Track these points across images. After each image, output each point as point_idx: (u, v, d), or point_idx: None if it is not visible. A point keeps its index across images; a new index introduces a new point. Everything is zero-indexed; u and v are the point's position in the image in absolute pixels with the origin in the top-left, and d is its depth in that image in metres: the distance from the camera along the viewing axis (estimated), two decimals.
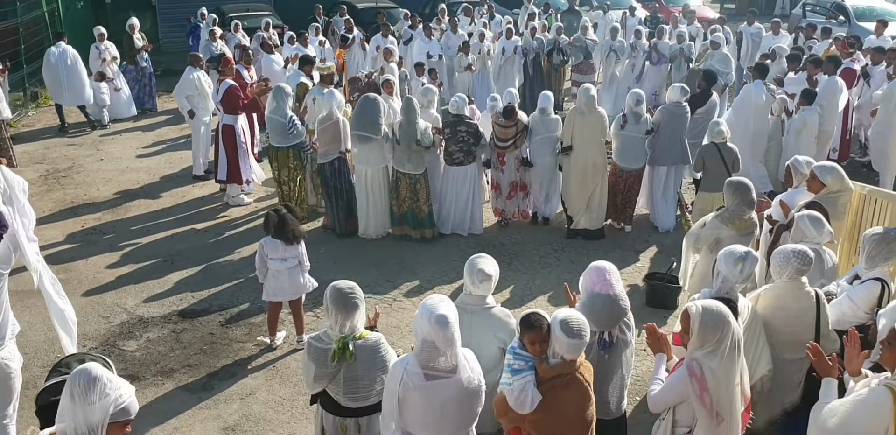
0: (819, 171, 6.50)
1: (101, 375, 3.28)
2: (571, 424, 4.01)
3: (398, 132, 9.10)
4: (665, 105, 9.84)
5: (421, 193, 9.29)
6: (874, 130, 11.10)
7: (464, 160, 9.38)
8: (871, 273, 5.14)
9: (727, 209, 6.25)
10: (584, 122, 9.16)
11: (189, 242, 9.56)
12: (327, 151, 9.38)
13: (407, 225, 9.47)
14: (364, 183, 9.39)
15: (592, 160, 9.27)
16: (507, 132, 9.31)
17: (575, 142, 9.21)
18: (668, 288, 7.79)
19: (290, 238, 6.78)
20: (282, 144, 9.71)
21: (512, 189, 9.72)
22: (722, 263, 4.75)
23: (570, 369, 3.97)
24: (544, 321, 4.04)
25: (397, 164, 9.24)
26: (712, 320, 3.91)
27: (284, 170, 9.81)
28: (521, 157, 9.53)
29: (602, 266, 4.72)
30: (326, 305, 4.40)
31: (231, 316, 7.80)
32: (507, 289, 8.23)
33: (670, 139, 9.52)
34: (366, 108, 9.06)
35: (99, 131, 14.44)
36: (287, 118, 9.56)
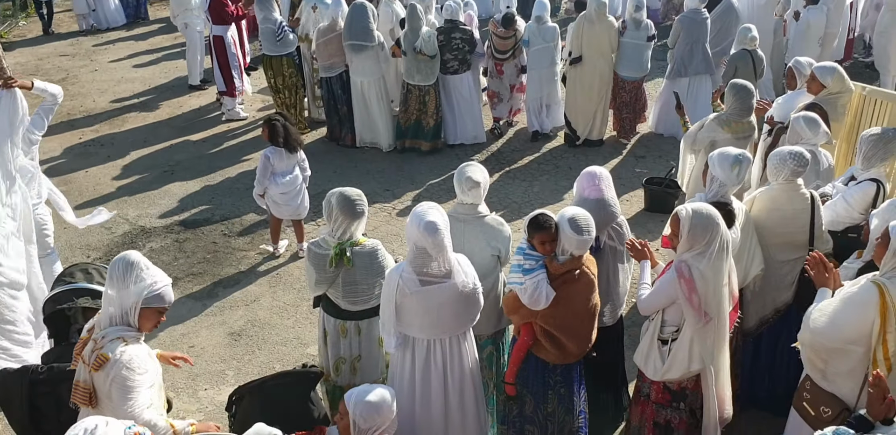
0: (819, 71, 6.40)
1: (139, 262, 3.52)
2: (580, 315, 4.19)
3: (404, 42, 8.83)
4: (683, 13, 9.39)
5: (430, 105, 9.10)
6: (877, 31, 10.86)
7: (458, 68, 9.11)
8: (866, 174, 5.13)
9: (726, 112, 6.19)
10: (593, 30, 8.89)
11: (188, 153, 9.55)
12: (332, 64, 9.18)
13: (412, 137, 9.33)
14: (360, 95, 9.22)
15: (600, 71, 9.09)
16: (506, 43, 9.07)
17: (584, 52, 8.95)
18: (667, 192, 7.81)
19: (294, 146, 6.80)
20: (273, 53, 9.48)
21: (512, 90, 9.61)
22: (717, 167, 4.71)
23: (579, 264, 4.13)
24: (552, 221, 4.14)
25: (407, 76, 9.04)
26: (701, 223, 3.94)
27: (279, 78, 9.61)
28: (519, 65, 9.32)
29: (593, 171, 4.76)
30: (331, 210, 4.41)
31: (233, 225, 7.87)
32: (504, 196, 8.27)
33: (692, 49, 9.17)
34: (355, 16, 8.79)
35: (92, 41, 14.19)
36: (277, 25, 9.30)
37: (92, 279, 4.56)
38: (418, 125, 9.25)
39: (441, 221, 3.94)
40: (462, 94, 9.32)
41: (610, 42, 9.00)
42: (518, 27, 9.00)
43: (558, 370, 4.35)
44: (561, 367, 4.34)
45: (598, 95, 9.18)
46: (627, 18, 9.13)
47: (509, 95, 9.66)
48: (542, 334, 4.22)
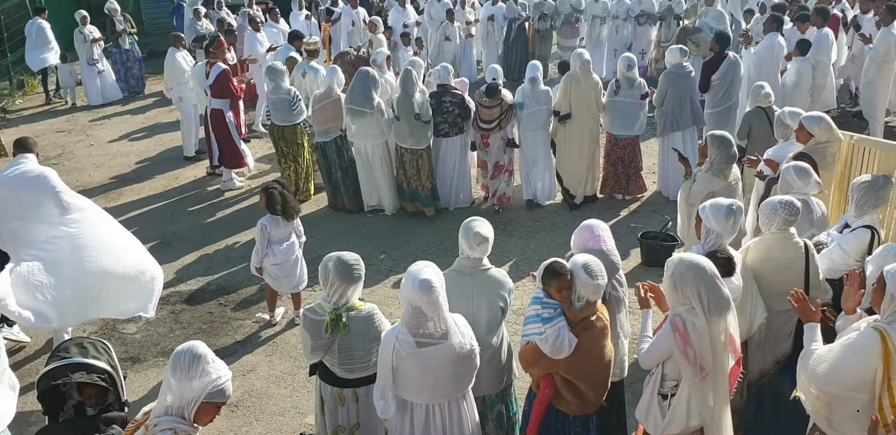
0: (807, 121, 6.49)
1: (205, 355, 3.46)
2: (598, 361, 4.23)
3: (396, 107, 8.92)
4: (668, 69, 9.52)
5: (423, 169, 9.13)
6: (863, 82, 11.05)
7: (449, 132, 9.14)
8: (860, 221, 5.14)
9: (713, 163, 6.28)
10: (579, 88, 8.99)
11: (184, 224, 9.57)
12: (328, 129, 9.29)
13: (419, 201, 9.34)
14: (365, 158, 9.27)
15: (588, 128, 9.17)
16: (492, 113, 8.93)
17: (572, 109, 9.05)
18: (664, 246, 7.80)
19: (291, 214, 6.83)
20: (287, 122, 9.56)
21: (496, 170, 9.30)
22: (711, 219, 4.75)
23: (595, 310, 4.20)
24: (567, 268, 4.20)
25: (399, 140, 9.09)
26: (686, 275, 3.93)
27: (293, 146, 9.66)
28: (506, 137, 9.15)
29: (592, 223, 4.84)
30: (327, 275, 4.39)
31: (229, 295, 7.83)
32: (501, 254, 8.24)
33: (680, 103, 9.28)
34: (357, 82, 8.94)
35: (87, 116, 14.36)
36: (291, 95, 9.45)
37: (87, 354, 4.48)
38: (416, 190, 9.28)
39: (436, 279, 3.92)
40: (450, 158, 9.34)
41: (596, 99, 9.10)
42: (503, 96, 8.91)
43: (577, 421, 4.35)
44: (580, 418, 4.34)
45: (587, 152, 9.26)
46: (620, 77, 9.24)
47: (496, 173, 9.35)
48: (562, 385, 4.24)
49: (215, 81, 10.04)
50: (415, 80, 8.93)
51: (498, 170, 9.29)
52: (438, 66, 9.33)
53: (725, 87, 9.63)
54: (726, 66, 9.57)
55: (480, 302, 4.64)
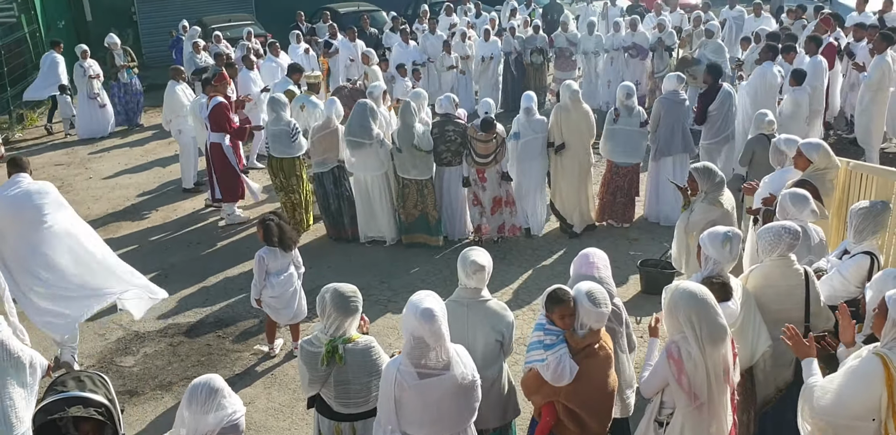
0: (805, 148, 6.52)
1: (222, 389, 3.50)
2: (601, 390, 4.22)
3: (397, 138, 8.93)
4: (662, 95, 9.64)
5: (429, 198, 9.11)
6: (858, 109, 11.10)
7: (452, 160, 9.11)
8: (859, 247, 5.15)
9: (706, 193, 6.31)
10: (570, 118, 9.04)
11: (182, 256, 9.55)
12: (325, 160, 9.32)
13: (419, 232, 9.29)
14: (365, 189, 9.28)
15: (580, 157, 9.20)
16: (488, 147, 8.81)
17: (564, 139, 9.08)
18: (663, 274, 7.78)
19: (289, 245, 6.81)
20: (285, 154, 9.55)
21: (496, 204, 9.12)
22: (709, 247, 4.79)
23: (598, 338, 4.19)
24: (570, 295, 4.20)
25: (402, 171, 9.07)
26: (679, 302, 3.92)
27: (292, 178, 9.65)
28: (501, 171, 9.05)
29: (588, 251, 4.88)
30: (324, 306, 4.36)
31: (227, 327, 7.79)
32: (501, 283, 8.22)
33: (672, 129, 9.37)
34: (356, 114, 8.98)
35: (86, 149, 14.40)
36: (290, 127, 9.46)
37: (84, 387, 4.42)
38: (423, 220, 9.22)
39: (438, 308, 3.90)
40: (453, 187, 9.31)
41: (588, 128, 9.15)
42: (498, 131, 8.83)
43: None
44: None
45: (580, 181, 9.29)
46: (619, 106, 9.30)
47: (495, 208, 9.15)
48: (564, 414, 4.21)
49: (211, 113, 10.00)
50: (414, 111, 8.96)
51: (497, 204, 9.13)
52: (442, 96, 9.39)
53: (722, 118, 9.71)
54: (721, 97, 9.66)
55: (476, 334, 4.61)
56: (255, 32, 17.24)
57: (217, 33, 16.90)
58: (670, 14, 16.30)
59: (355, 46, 15.21)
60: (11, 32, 17.13)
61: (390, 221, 9.40)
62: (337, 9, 20.82)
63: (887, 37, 10.61)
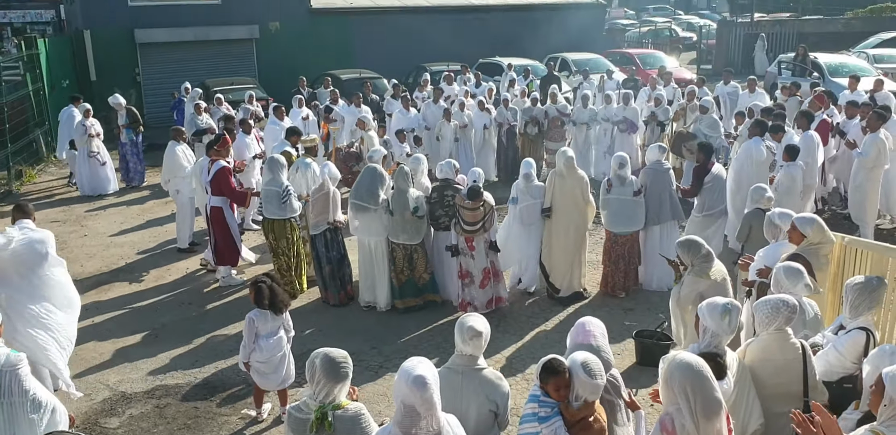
0: (799, 222, 6.57)
1: None
2: None
3: (391, 202, 9.00)
4: (647, 165, 9.80)
5: (419, 263, 9.11)
6: (852, 186, 11.18)
7: (449, 225, 9.12)
8: (855, 322, 5.13)
9: (694, 266, 6.32)
10: (564, 184, 9.19)
11: (173, 316, 9.47)
12: (318, 223, 9.36)
13: (409, 296, 9.25)
14: (368, 253, 9.28)
15: (574, 223, 9.29)
16: (475, 215, 8.72)
17: (556, 204, 9.22)
18: (658, 345, 7.72)
19: (280, 308, 6.75)
20: (276, 216, 9.55)
21: (485, 276, 8.95)
22: (707, 318, 4.75)
23: (592, 410, 4.13)
24: (565, 366, 4.14)
25: (392, 235, 9.09)
26: (675, 373, 3.88)
27: (282, 240, 9.63)
28: (489, 240, 8.96)
29: (585, 320, 4.83)
30: (313, 371, 4.27)
31: (215, 389, 7.66)
32: (495, 350, 8.13)
33: (659, 198, 9.50)
34: (364, 178, 9.06)
35: (83, 207, 14.44)
36: (282, 188, 9.47)
37: None
38: (412, 283, 9.20)
39: (430, 375, 3.84)
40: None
41: (582, 194, 9.25)
42: (486, 199, 8.80)
43: None
44: None
45: (573, 246, 9.35)
46: (612, 175, 9.43)
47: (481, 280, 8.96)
48: None
49: (213, 178, 9.95)
50: (409, 176, 9.06)
51: (486, 276, 8.97)
52: (443, 162, 9.51)
53: (717, 192, 9.80)
54: (714, 172, 9.80)
55: (470, 403, 4.53)
56: (256, 96, 17.52)
57: (219, 96, 17.17)
58: (665, 88, 16.57)
59: (361, 111, 15.37)
60: (16, 90, 17.34)
61: (386, 285, 9.34)
62: (339, 75, 21.21)
63: (881, 115, 10.79)
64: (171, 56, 24.24)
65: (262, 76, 24.46)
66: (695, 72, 27.16)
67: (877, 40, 25.82)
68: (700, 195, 9.81)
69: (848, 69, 19.65)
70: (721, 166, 9.96)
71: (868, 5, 37.56)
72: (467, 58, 23.77)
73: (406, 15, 27.37)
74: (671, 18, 47.64)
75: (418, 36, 26.31)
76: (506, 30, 27.86)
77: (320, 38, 25.85)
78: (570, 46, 26.61)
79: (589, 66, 21.71)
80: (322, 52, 25.38)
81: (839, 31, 30.32)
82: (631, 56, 25.77)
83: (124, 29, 23.56)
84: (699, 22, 43.69)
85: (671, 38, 37.47)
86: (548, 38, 27.46)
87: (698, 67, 31.35)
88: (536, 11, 29.42)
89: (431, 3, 28.37)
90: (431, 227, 9.32)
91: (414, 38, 26.25)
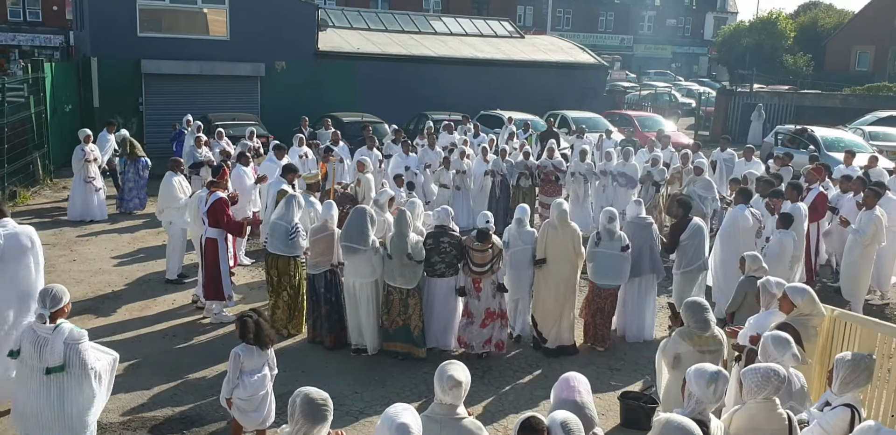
0: (791, 291, 6.62)
1: None
2: None
3: (389, 246, 8.97)
4: (628, 220, 10.08)
5: (414, 308, 9.02)
6: (846, 262, 11.24)
7: (445, 272, 9.15)
8: (840, 399, 5.12)
9: (688, 325, 6.32)
10: (556, 236, 9.28)
11: (155, 347, 9.37)
12: (318, 263, 9.31)
13: (401, 341, 9.13)
14: (353, 295, 9.17)
15: (565, 275, 9.35)
16: (484, 256, 8.96)
17: (548, 255, 9.30)
18: (643, 408, 7.67)
19: (265, 343, 6.69)
20: (281, 252, 9.50)
21: (487, 316, 9.13)
22: (693, 384, 4.73)
23: None
24: (544, 425, 4.09)
25: (388, 279, 9.04)
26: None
27: (285, 277, 9.58)
28: (496, 282, 9.19)
29: (570, 375, 4.85)
30: (293, 410, 4.23)
31: (193, 425, 7.54)
32: (478, 403, 8.06)
33: (640, 251, 9.68)
34: (354, 219, 9.01)
35: (75, 232, 14.40)
36: (291, 225, 9.45)
37: None
38: (406, 329, 9.08)
39: (414, 424, 3.83)
40: (444, 298, 9.32)
41: (574, 247, 9.32)
42: (494, 241, 9.03)
43: None
44: None
45: (563, 299, 9.39)
46: (601, 229, 9.53)
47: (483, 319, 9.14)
48: None
49: (210, 208, 9.95)
50: (409, 220, 9.07)
51: (490, 317, 9.14)
52: (439, 208, 9.59)
53: (694, 249, 9.98)
54: (692, 229, 10.01)
55: None
56: (257, 132, 17.63)
57: (220, 130, 17.27)
58: (662, 151, 16.76)
59: (371, 155, 15.51)
60: (18, 111, 17.43)
61: (374, 329, 9.25)
62: (341, 117, 21.40)
63: (876, 192, 10.94)
64: (175, 88, 24.44)
65: (264, 113, 24.65)
66: (692, 137, 27.49)
67: (873, 118, 26.30)
68: (678, 251, 9.99)
69: (844, 144, 20.01)
70: (699, 225, 10.14)
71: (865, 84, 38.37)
72: (469, 109, 24.08)
73: (411, 63, 27.78)
74: (671, 84, 48.44)
75: (421, 84, 26.68)
76: (509, 84, 28.28)
77: (325, 80, 26.17)
78: (571, 104, 27.01)
79: (587, 125, 21.96)
80: (325, 94, 25.69)
81: (836, 106, 30.87)
82: (630, 117, 26.14)
83: (131, 58, 23.82)
84: (699, 89, 44.45)
85: (670, 103, 38.08)
86: (549, 95, 27.90)
87: (696, 133, 31.79)
88: (539, 68, 29.89)
89: (437, 54, 28.78)
90: (426, 273, 9.22)
91: (417, 87, 26.62)
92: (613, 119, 25.76)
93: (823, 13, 61.46)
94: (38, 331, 5.84)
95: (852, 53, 52.36)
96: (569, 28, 63.50)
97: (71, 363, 5.77)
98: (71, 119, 21.93)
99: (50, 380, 5.78)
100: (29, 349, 5.84)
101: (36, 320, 5.90)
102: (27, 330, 5.94)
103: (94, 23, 23.94)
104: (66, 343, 5.76)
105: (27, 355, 5.86)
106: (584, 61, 31.89)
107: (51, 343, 5.75)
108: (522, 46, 31.78)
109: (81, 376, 5.85)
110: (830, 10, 64.03)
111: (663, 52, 69.65)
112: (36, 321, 5.90)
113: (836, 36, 53.51)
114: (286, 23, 25.52)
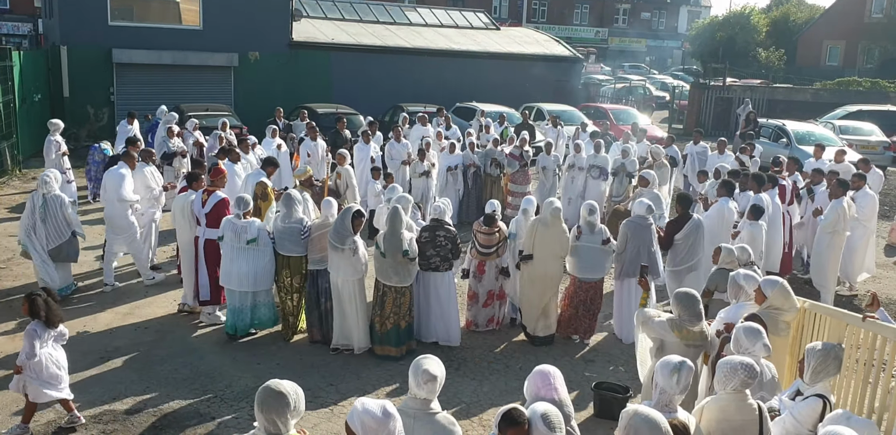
0: (763, 283, 6.68)
1: None
2: None
3: (382, 244, 8.78)
4: (630, 219, 9.83)
5: (404, 306, 8.91)
6: (815, 251, 11.42)
7: (439, 266, 9.13)
8: (812, 389, 5.18)
9: (680, 317, 6.33)
10: (546, 233, 9.28)
11: (127, 339, 9.29)
12: (322, 259, 9.09)
13: (390, 344, 8.97)
14: (337, 292, 8.98)
15: (550, 272, 9.39)
16: (490, 239, 9.46)
17: (535, 252, 9.29)
18: (616, 399, 7.71)
19: (55, 321, 7.02)
20: (294, 253, 9.22)
21: (489, 297, 9.68)
22: (658, 374, 4.78)
23: None
24: (525, 417, 4.08)
25: (382, 277, 8.86)
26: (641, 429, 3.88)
27: (298, 277, 9.33)
28: (500, 266, 9.60)
29: (546, 370, 4.74)
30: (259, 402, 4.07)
31: (164, 416, 7.49)
32: (453, 395, 8.07)
33: (638, 252, 9.54)
34: (339, 217, 8.80)
35: None
36: (302, 223, 9.16)
37: None
38: (396, 330, 8.94)
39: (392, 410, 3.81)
40: (440, 293, 9.28)
41: (561, 245, 9.34)
42: (500, 225, 9.45)
43: None
44: None
45: (547, 294, 9.41)
46: (582, 223, 9.53)
47: (485, 300, 9.76)
48: None
49: (212, 210, 9.64)
50: (402, 217, 8.86)
51: (490, 298, 9.73)
52: (438, 202, 9.65)
53: (689, 247, 9.89)
54: (690, 226, 9.87)
55: None
56: (230, 123, 17.45)
57: (194, 120, 17.10)
58: (637, 144, 16.83)
59: (370, 148, 15.55)
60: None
61: (361, 328, 9.05)
62: (315, 109, 21.27)
63: (844, 184, 11.10)
64: (147, 78, 24.23)
65: (237, 104, 24.49)
66: (666, 130, 27.64)
67: (843, 112, 26.60)
68: (672, 249, 9.94)
69: (814, 138, 20.25)
70: (697, 222, 9.97)
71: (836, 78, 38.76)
72: (445, 100, 24.02)
73: (386, 54, 27.69)
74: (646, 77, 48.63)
75: (397, 76, 26.62)
76: (484, 76, 28.29)
77: (299, 71, 26.04)
78: (547, 97, 27.05)
79: (562, 118, 22.01)
80: (300, 84, 25.55)
81: (807, 100, 31.21)
82: (605, 111, 26.22)
83: (102, 47, 23.54)
84: (673, 82, 44.66)
85: (645, 96, 38.23)
86: (525, 88, 27.92)
87: (670, 126, 31.96)
88: (515, 60, 29.92)
89: (412, 45, 28.72)
90: (420, 267, 9.09)
91: (393, 78, 26.56)
92: (588, 112, 25.84)
93: (795, 8, 61.89)
94: (236, 223, 9.09)
95: (823, 48, 52.81)
96: (544, 20, 63.52)
97: (261, 241, 9.13)
98: (40, 109, 21.62)
99: (247, 249, 9.07)
100: (230, 235, 9.10)
101: (233, 217, 9.16)
102: (227, 223, 9.18)
103: (63, 11, 23.52)
104: (259, 228, 9.15)
105: (228, 238, 9.10)
106: (560, 54, 31.95)
107: (247, 228, 9.07)
108: (498, 38, 31.79)
109: (266, 247, 9.20)
110: (802, 4, 64.48)
111: (638, 45, 69.90)
112: (233, 218, 9.15)
113: (808, 31, 53.95)
114: (260, 12, 25.34)
